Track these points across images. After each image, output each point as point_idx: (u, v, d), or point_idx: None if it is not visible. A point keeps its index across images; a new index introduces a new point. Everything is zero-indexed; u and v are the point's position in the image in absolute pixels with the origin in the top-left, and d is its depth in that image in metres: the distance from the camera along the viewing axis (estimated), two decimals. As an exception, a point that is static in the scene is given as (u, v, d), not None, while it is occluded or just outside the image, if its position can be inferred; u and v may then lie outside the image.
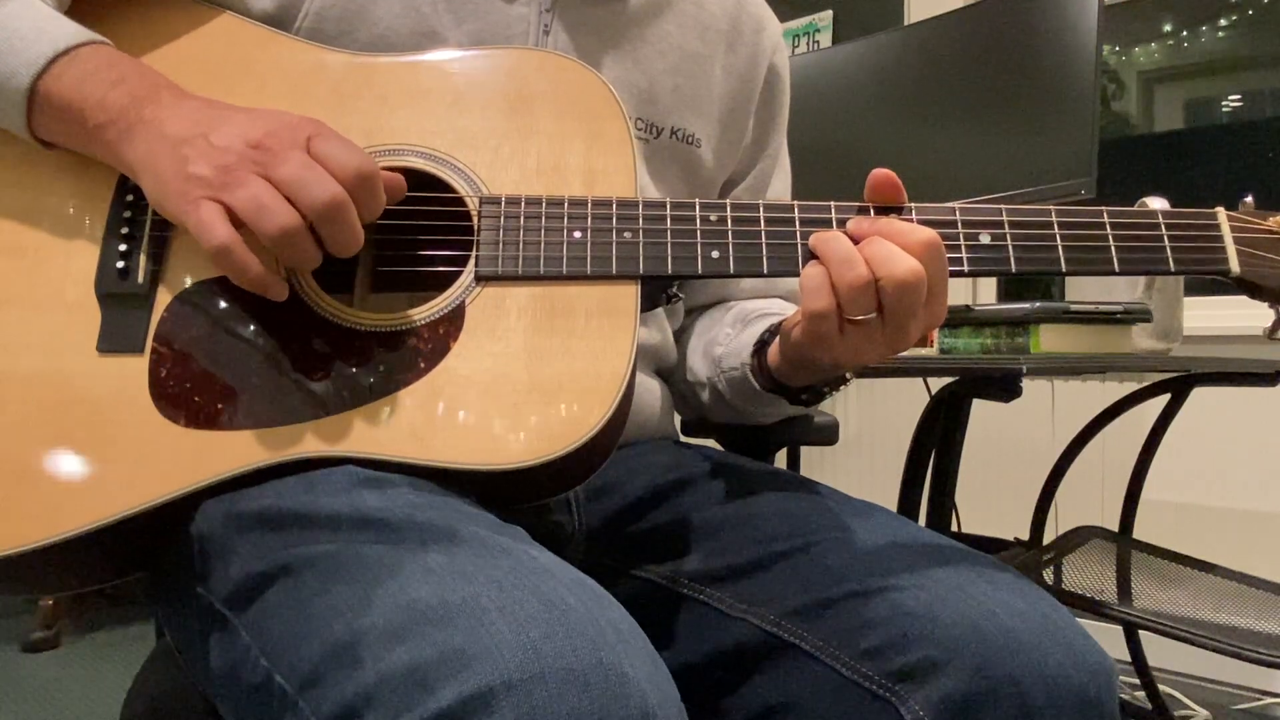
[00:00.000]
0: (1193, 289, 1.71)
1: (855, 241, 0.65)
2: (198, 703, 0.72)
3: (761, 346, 0.78)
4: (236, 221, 0.61)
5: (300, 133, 0.63)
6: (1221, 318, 2.07)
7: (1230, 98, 2.64)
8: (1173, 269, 0.68)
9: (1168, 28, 2.68)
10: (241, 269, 0.61)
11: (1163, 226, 0.68)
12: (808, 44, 2.89)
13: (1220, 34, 2.59)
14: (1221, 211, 0.69)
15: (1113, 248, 0.68)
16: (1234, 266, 0.68)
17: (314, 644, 0.52)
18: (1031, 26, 1.49)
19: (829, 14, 2.86)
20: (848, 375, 0.73)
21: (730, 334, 0.88)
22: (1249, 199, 0.70)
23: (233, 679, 0.58)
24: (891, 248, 0.63)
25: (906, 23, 2.59)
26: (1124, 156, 2.70)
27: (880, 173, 0.68)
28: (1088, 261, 0.68)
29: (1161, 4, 2.64)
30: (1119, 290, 1.38)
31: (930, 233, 0.64)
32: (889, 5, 2.70)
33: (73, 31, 0.67)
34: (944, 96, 1.59)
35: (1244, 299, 0.71)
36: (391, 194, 0.65)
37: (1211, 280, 0.69)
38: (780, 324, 0.76)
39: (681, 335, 0.98)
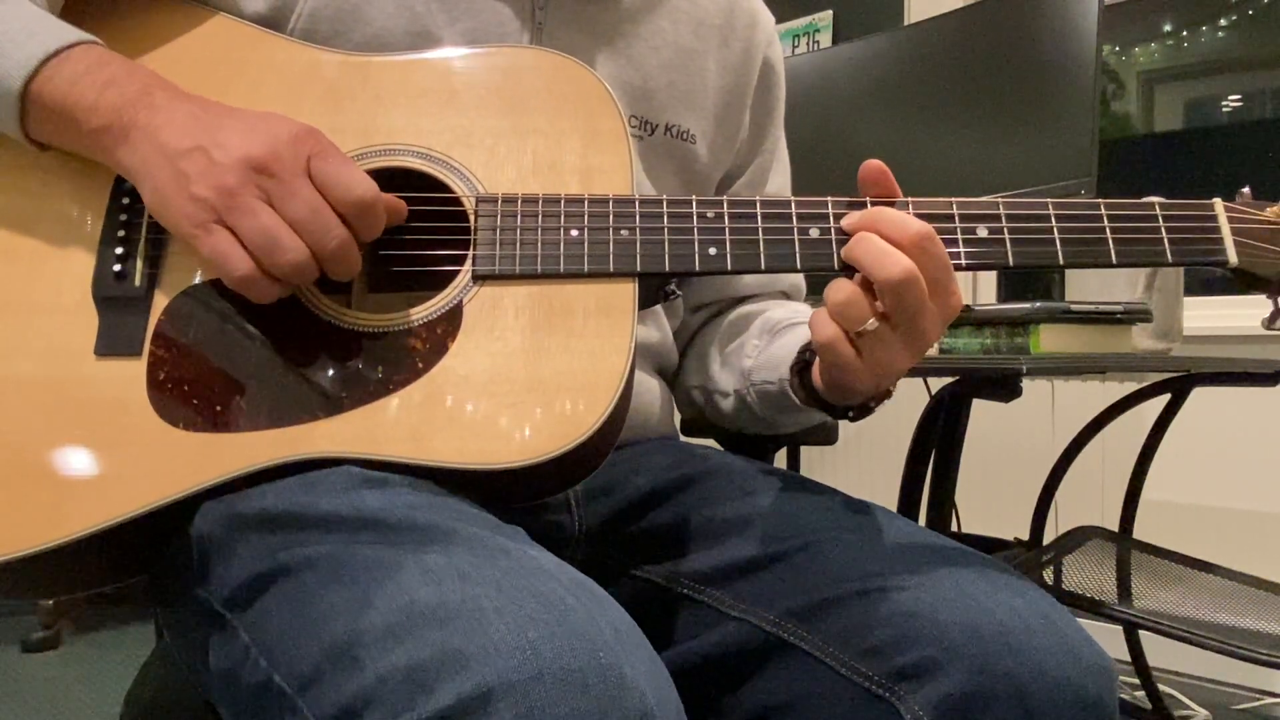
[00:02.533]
0: (1193, 288, 1.71)
1: (851, 235, 0.65)
2: (198, 703, 0.72)
3: (804, 366, 0.76)
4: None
5: (301, 150, 0.63)
6: (1221, 317, 2.06)
7: (1230, 98, 2.64)
8: (1170, 260, 0.68)
9: (1168, 28, 2.68)
10: (261, 296, 0.63)
11: (1160, 218, 0.68)
12: (808, 44, 2.89)
13: (1220, 34, 2.60)
14: (1219, 202, 0.69)
15: (1110, 240, 0.68)
16: (1232, 257, 0.68)
17: (313, 645, 0.52)
18: (1031, 26, 1.49)
19: (829, 14, 2.86)
20: (890, 388, 0.72)
21: (759, 345, 0.86)
22: (1246, 190, 0.70)
23: (232, 680, 0.58)
24: (881, 246, 0.63)
25: (906, 23, 2.59)
26: (1124, 156, 2.70)
27: (870, 164, 0.67)
28: (1086, 254, 0.67)
29: (1161, 4, 2.64)
30: (1119, 290, 1.38)
31: (922, 226, 0.63)
32: (889, 5, 2.70)
33: (63, 32, 0.67)
34: (944, 96, 1.59)
35: (1243, 299, 0.71)
36: (392, 217, 0.66)
37: (1211, 279, 0.69)
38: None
39: (693, 341, 0.97)
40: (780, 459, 1.39)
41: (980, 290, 2.52)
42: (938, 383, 1.42)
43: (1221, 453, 2.06)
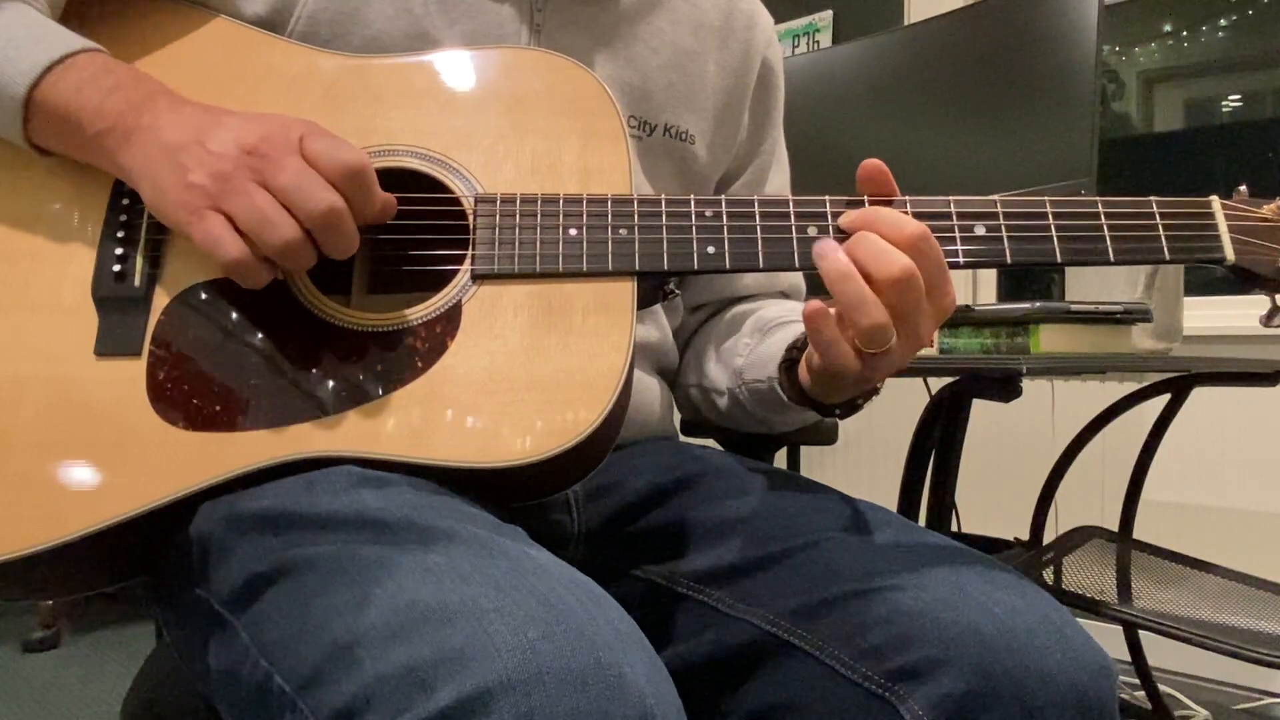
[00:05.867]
0: (1193, 288, 1.70)
1: (848, 235, 0.65)
2: (198, 703, 0.72)
3: (791, 364, 0.76)
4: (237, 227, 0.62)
5: (293, 133, 0.63)
6: (1221, 317, 2.06)
7: (1230, 98, 2.64)
8: (1168, 258, 0.68)
9: (1168, 28, 2.68)
10: (254, 281, 0.63)
11: (1157, 216, 0.68)
12: (808, 44, 2.89)
13: (1220, 34, 2.60)
14: (1215, 200, 0.69)
15: (1108, 238, 0.68)
16: (1229, 255, 0.68)
17: (313, 644, 0.52)
18: (1031, 26, 1.49)
19: (829, 14, 2.86)
20: (878, 385, 0.72)
21: (750, 344, 0.87)
22: (1243, 188, 0.70)
23: (232, 679, 0.58)
24: (881, 245, 0.63)
25: (906, 23, 2.59)
26: (1124, 156, 2.71)
27: (869, 163, 0.67)
28: (1083, 252, 0.68)
29: (1161, 4, 2.64)
30: (1119, 290, 1.38)
31: (918, 226, 0.63)
32: (889, 5, 2.70)
33: (67, 39, 0.67)
34: (944, 96, 1.59)
35: (1243, 299, 0.71)
36: (386, 212, 0.65)
37: (1211, 279, 0.69)
38: (805, 340, 0.75)
39: (691, 340, 0.97)
40: (780, 459, 1.39)
41: (980, 290, 2.52)
42: (938, 383, 1.42)
43: (1221, 453, 2.06)
